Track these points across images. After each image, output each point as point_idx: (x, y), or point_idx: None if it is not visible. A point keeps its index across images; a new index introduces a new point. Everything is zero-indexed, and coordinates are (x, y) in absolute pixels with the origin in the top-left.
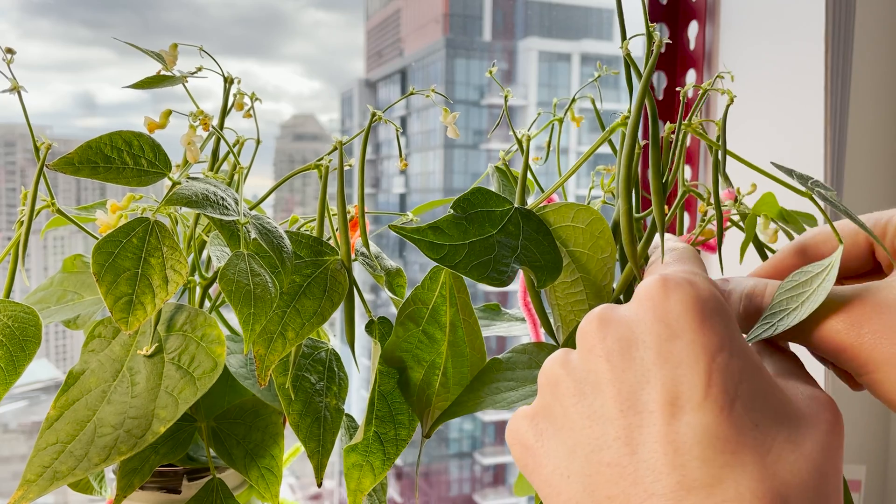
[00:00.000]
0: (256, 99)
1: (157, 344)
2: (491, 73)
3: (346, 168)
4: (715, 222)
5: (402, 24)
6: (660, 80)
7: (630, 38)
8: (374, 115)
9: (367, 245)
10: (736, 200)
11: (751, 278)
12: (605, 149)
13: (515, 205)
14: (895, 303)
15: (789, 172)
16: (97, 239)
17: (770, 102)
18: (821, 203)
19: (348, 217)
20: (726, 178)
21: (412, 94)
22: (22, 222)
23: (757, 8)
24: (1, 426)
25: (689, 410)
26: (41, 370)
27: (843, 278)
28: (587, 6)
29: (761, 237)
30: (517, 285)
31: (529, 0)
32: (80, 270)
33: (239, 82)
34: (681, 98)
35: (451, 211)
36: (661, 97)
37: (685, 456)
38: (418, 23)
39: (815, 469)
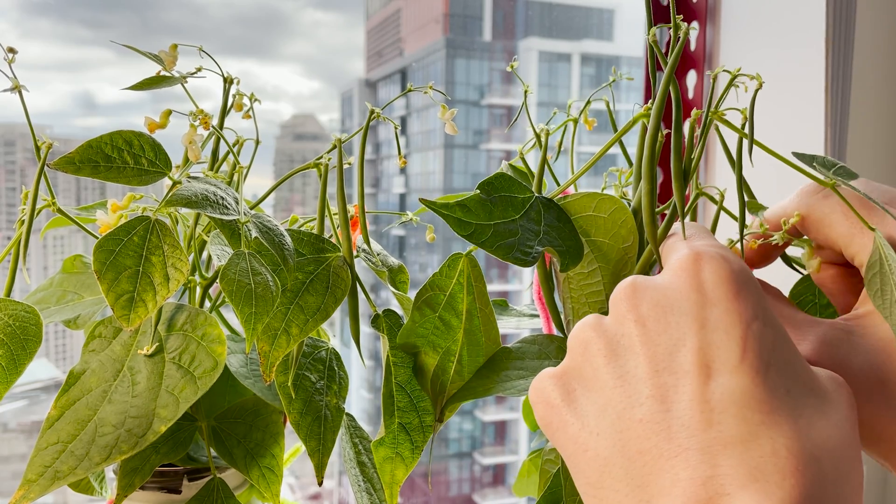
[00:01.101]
0: (256, 100)
1: (157, 343)
2: (512, 67)
3: (345, 167)
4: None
5: (402, 24)
6: (658, 81)
7: (656, 28)
8: (372, 112)
9: (368, 242)
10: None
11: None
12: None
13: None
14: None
15: (811, 160)
16: (97, 238)
17: (771, 103)
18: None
19: (349, 215)
20: (746, 188)
21: (410, 90)
22: (23, 221)
23: (758, 9)
24: (0, 425)
25: (725, 373)
26: (41, 370)
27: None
28: (587, 6)
29: (806, 267)
30: (524, 284)
31: (530, 0)
32: (79, 271)
33: (238, 82)
34: (711, 83)
35: (478, 191)
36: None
37: (722, 414)
38: (418, 23)
39: (843, 438)
